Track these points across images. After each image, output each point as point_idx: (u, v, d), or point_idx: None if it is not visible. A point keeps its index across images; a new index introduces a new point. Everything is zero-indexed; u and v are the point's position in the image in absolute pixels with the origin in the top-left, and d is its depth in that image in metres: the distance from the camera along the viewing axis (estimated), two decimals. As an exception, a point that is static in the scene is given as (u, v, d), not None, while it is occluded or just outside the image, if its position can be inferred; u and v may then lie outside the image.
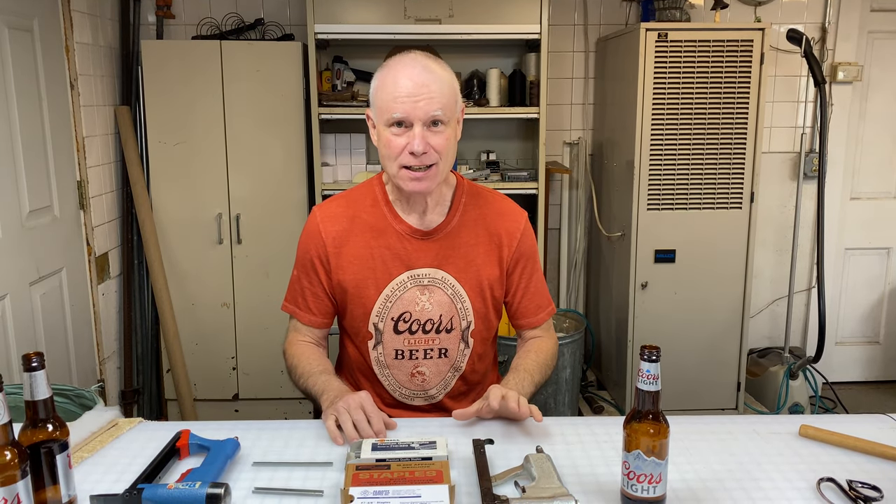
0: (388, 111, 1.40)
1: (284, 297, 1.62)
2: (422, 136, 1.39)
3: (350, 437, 1.31)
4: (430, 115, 1.39)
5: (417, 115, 1.38)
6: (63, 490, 1.09)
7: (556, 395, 3.04)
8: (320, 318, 1.59)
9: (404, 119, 1.39)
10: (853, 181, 3.72)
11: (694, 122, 3.03)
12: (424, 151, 1.40)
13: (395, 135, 1.41)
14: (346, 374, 1.67)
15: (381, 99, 1.42)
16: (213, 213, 3.18)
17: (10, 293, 2.35)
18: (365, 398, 1.37)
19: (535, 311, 1.63)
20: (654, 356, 1.06)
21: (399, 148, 1.41)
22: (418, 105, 1.38)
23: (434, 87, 1.39)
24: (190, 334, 3.27)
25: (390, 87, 1.40)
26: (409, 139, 1.40)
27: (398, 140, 1.41)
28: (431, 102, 1.38)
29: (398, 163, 1.43)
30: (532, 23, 3.02)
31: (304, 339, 1.60)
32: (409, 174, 1.43)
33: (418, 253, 1.53)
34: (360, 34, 3.03)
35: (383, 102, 1.41)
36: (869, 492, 1.15)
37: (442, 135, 1.42)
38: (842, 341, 3.87)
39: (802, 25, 3.50)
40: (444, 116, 1.41)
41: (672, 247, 3.15)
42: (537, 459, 1.20)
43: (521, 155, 3.55)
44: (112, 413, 1.46)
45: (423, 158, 1.41)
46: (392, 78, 1.40)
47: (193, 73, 3.07)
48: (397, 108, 1.39)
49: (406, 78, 1.39)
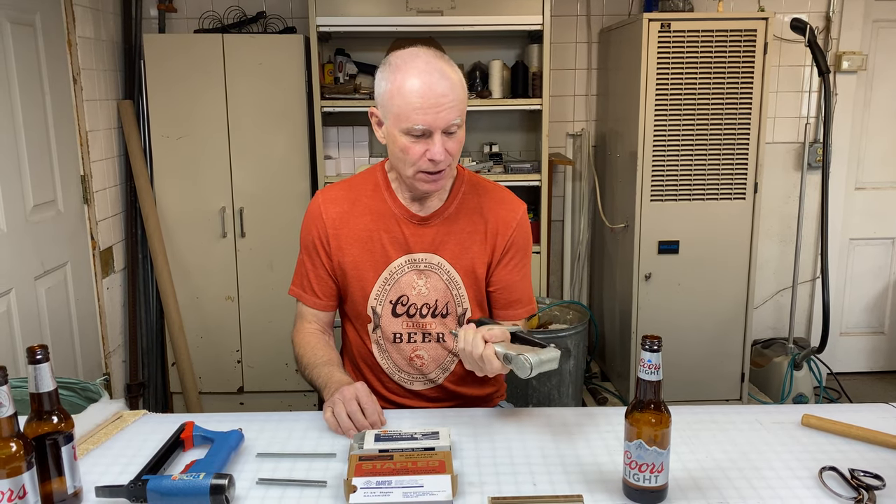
0: (407, 120, 1.39)
1: (292, 281, 1.64)
2: (442, 144, 1.40)
3: (345, 428, 1.32)
4: (451, 124, 1.40)
5: (438, 125, 1.38)
6: (68, 481, 1.10)
7: (559, 386, 3.05)
8: (325, 301, 1.60)
9: (425, 130, 1.39)
10: (857, 171, 3.70)
11: (697, 112, 3.02)
12: (443, 158, 1.41)
13: (412, 142, 1.41)
14: (349, 360, 1.69)
15: (397, 105, 1.39)
16: (217, 207, 3.19)
17: (15, 287, 2.36)
18: (360, 389, 1.38)
19: (515, 305, 1.61)
20: (655, 346, 1.06)
21: (417, 155, 1.41)
22: (440, 116, 1.38)
23: (452, 96, 1.38)
24: (195, 327, 3.28)
25: (408, 96, 1.38)
26: (428, 146, 1.40)
27: (416, 147, 1.41)
28: (451, 112, 1.39)
29: (415, 168, 1.43)
30: (534, 14, 3.01)
31: (310, 326, 1.62)
32: (426, 177, 1.44)
33: (415, 237, 1.55)
34: (362, 26, 3.03)
35: (401, 110, 1.39)
36: (871, 480, 1.15)
37: (457, 137, 1.43)
38: (846, 332, 3.86)
39: (806, 14, 3.48)
40: (460, 122, 1.42)
41: (676, 238, 3.15)
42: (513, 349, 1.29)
43: (524, 147, 3.54)
44: (117, 405, 1.47)
45: (440, 164, 1.42)
46: (409, 85, 1.38)
47: (196, 66, 3.07)
48: (419, 119, 1.37)
49: (425, 86, 1.37)
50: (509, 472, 1.21)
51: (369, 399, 1.37)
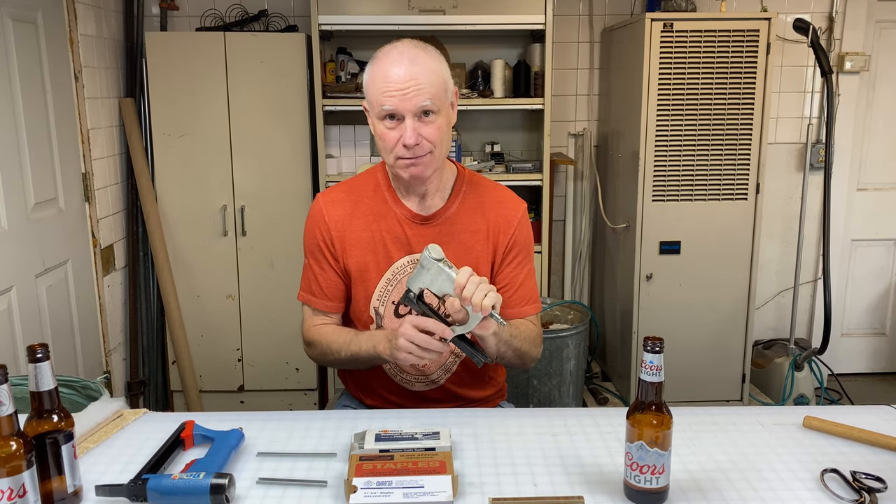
0: (377, 104, 1.42)
1: (300, 287, 1.64)
2: (413, 128, 1.41)
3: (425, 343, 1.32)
4: (420, 107, 1.40)
5: (407, 107, 1.40)
6: (68, 480, 1.10)
7: (560, 386, 3.04)
8: (336, 303, 1.60)
9: (394, 112, 1.41)
10: (860, 172, 3.70)
11: (700, 112, 3.02)
12: (416, 143, 1.42)
13: (388, 128, 1.43)
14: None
15: (371, 93, 1.44)
16: (218, 205, 3.19)
17: (16, 285, 2.36)
18: (408, 319, 1.36)
19: (521, 303, 1.60)
20: (657, 347, 1.06)
21: (393, 141, 1.43)
22: (407, 97, 1.39)
23: (422, 79, 1.40)
24: (195, 326, 3.28)
25: (379, 81, 1.41)
26: (402, 131, 1.42)
27: (392, 133, 1.43)
28: (420, 94, 1.39)
29: (393, 154, 1.45)
30: (537, 13, 3.00)
31: (321, 320, 1.61)
32: (405, 162, 1.45)
33: (417, 237, 1.55)
34: (364, 25, 3.02)
35: (373, 96, 1.43)
36: (872, 483, 1.14)
37: (433, 124, 1.43)
38: (848, 333, 3.86)
39: (809, 15, 3.48)
40: (433, 106, 1.42)
41: (677, 238, 3.15)
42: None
43: (525, 146, 3.54)
44: (117, 404, 1.47)
45: (415, 150, 1.42)
46: (381, 71, 1.41)
47: (197, 64, 3.07)
48: (386, 101, 1.40)
49: (394, 71, 1.40)
50: (510, 472, 1.21)
51: (421, 319, 1.35)
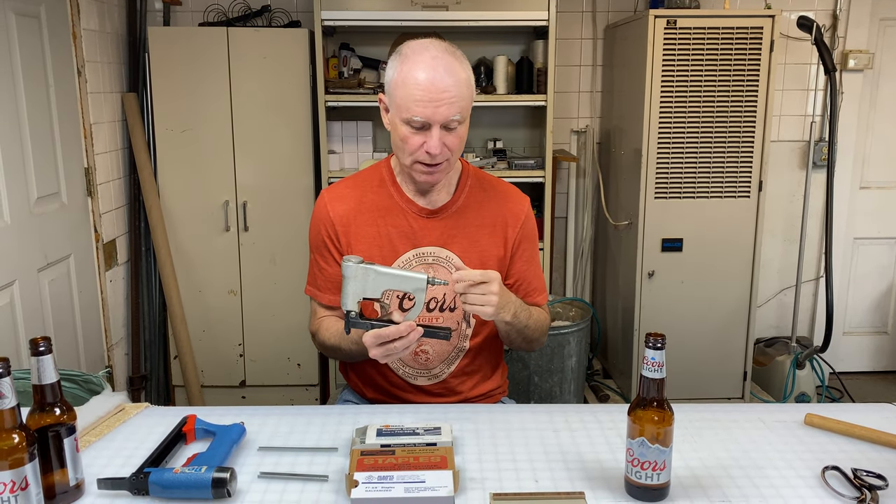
0: (406, 111, 1.40)
1: (307, 281, 1.65)
2: (439, 138, 1.41)
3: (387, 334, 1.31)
4: (449, 120, 1.40)
5: (437, 119, 1.39)
6: (70, 473, 1.10)
7: (561, 383, 3.05)
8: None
9: (424, 123, 1.40)
10: (863, 170, 3.69)
11: (702, 109, 3.01)
12: (440, 152, 1.42)
13: (411, 133, 1.42)
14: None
15: (400, 96, 1.41)
16: (220, 201, 3.19)
17: (18, 279, 2.36)
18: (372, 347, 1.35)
19: (532, 294, 1.63)
20: (658, 344, 1.06)
21: (415, 146, 1.42)
22: (439, 111, 1.39)
23: (454, 92, 1.39)
24: (197, 321, 3.28)
25: (411, 87, 1.39)
26: (426, 138, 1.41)
27: (415, 138, 1.42)
28: (451, 108, 1.39)
29: (413, 158, 1.45)
30: (540, 9, 3.00)
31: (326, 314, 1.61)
32: (423, 168, 1.45)
33: (424, 231, 1.55)
34: (367, 21, 3.02)
35: (402, 100, 1.41)
36: (874, 480, 1.14)
37: (456, 133, 1.43)
38: (849, 331, 3.86)
39: (813, 12, 3.47)
40: (461, 118, 1.42)
41: (679, 236, 3.14)
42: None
43: (528, 143, 3.53)
44: (119, 398, 1.47)
45: (436, 157, 1.43)
46: (413, 76, 1.39)
47: (200, 60, 3.06)
48: (417, 111, 1.39)
49: (428, 80, 1.38)
50: (511, 468, 1.21)
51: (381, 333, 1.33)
